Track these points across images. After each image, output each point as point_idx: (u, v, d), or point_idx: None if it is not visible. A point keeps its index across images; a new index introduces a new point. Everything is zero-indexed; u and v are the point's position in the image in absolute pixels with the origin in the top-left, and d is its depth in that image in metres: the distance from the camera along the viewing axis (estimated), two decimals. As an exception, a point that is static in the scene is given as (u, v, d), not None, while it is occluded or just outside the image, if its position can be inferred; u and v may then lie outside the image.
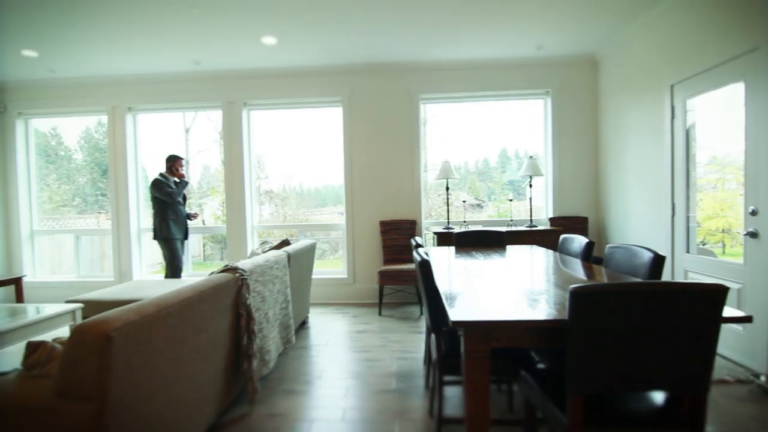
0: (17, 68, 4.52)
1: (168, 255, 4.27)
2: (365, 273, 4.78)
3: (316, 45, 4.05)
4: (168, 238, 4.24)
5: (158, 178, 4.27)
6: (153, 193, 4.26)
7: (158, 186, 4.23)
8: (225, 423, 2.19)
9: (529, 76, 4.60)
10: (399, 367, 2.90)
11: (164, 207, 4.25)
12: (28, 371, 1.39)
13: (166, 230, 4.23)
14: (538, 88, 4.63)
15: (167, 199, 4.23)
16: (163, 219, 4.24)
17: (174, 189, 4.27)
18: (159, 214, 4.25)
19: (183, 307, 1.60)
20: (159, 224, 4.25)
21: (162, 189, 4.22)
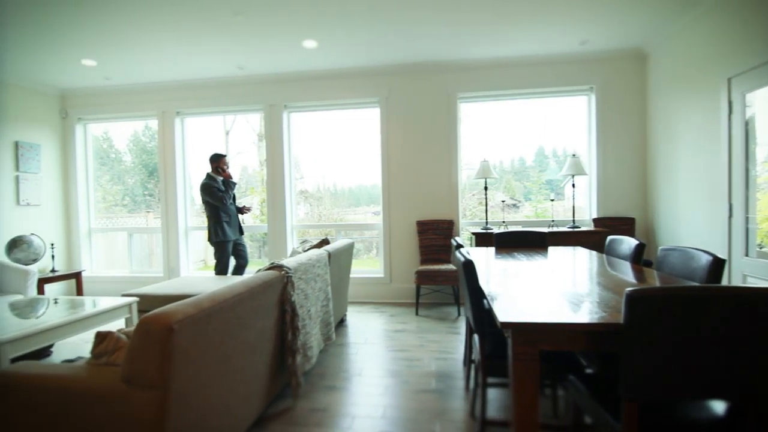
0: (78, 77, 4.84)
1: (218, 256, 4.34)
2: (402, 272, 4.79)
3: (354, 47, 4.10)
4: (221, 241, 4.28)
5: (207, 181, 4.28)
6: (204, 197, 4.28)
7: (208, 190, 4.24)
8: (270, 415, 2.27)
9: (571, 73, 4.46)
10: (438, 368, 2.89)
11: (216, 209, 4.26)
12: (96, 359, 1.50)
13: (221, 233, 4.26)
14: (581, 84, 4.48)
15: (218, 204, 4.25)
16: (217, 222, 4.26)
17: (224, 192, 4.29)
18: (212, 217, 4.27)
19: (235, 303, 1.67)
20: (213, 227, 4.27)
21: (213, 193, 4.23)
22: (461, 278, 1.96)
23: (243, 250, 4.54)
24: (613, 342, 1.34)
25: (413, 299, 4.70)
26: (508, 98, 4.72)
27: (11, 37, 3.71)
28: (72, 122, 5.38)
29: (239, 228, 4.51)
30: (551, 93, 4.62)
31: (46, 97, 5.19)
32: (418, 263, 4.67)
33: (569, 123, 4.77)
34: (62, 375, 1.39)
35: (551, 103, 4.76)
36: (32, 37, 3.71)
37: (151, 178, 6.00)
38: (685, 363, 1.18)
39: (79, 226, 5.40)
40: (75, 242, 5.42)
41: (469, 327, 2.42)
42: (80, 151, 5.43)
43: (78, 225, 5.40)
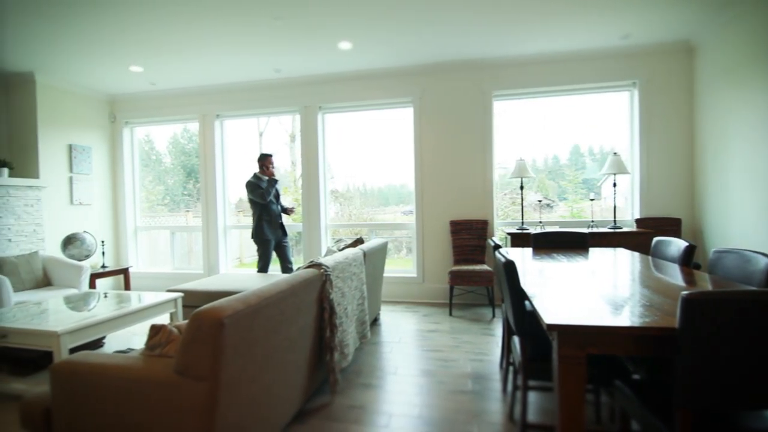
0: (125, 83, 5.10)
1: (260, 253, 4.45)
2: (435, 272, 4.77)
3: (389, 47, 4.12)
4: (262, 239, 4.40)
5: (251, 180, 4.40)
6: (248, 194, 4.42)
7: (251, 188, 4.37)
8: (309, 410, 2.31)
9: (613, 68, 4.30)
10: (473, 369, 2.87)
11: (259, 208, 4.38)
12: (150, 350, 1.58)
13: (261, 232, 4.38)
14: (623, 79, 4.32)
15: (259, 200, 4.36)
16: (258, 220, 4.38)
17: (264, 189, 4.38)
18: (255, 215, 4.41)
19: (279, 300, 1.72)
20: (255, 225, 4.40)
21: (254, 191, 4.35)
22: (501, 279, 1.94)
23: (286, 251, 4.59)
24: (665, 347, 1.29)
25: (446, 299, 4.67)
26: (545, 95, 4.61)
27: (66, 46, 3.95)
28: (120, 126, 5.67)
29: (282, 228, 4.55)
30: (590, 89, 4.48)
31: (97, 103, 5.50)
32: (451, 263, 4.64)
33: (608, 120, 4.61)
34: (121, 364, 1.47)
35: (589, 100, 4.61)
36: (85, 46, 3.94)
37: (189, 178, 6.22)
38: (745, 370, 1.13)
39: (126, 224, 5.69)
40: (122, 240, 5.71)
41: (508, 328, 2.38)
42: (127, 153, 5.72)
43: (125, 223, 5.69)
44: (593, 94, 4.54)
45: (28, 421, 1.58)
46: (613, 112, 4.57)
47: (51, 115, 4.86)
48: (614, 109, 4.56)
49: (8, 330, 2.39)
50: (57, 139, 4.93)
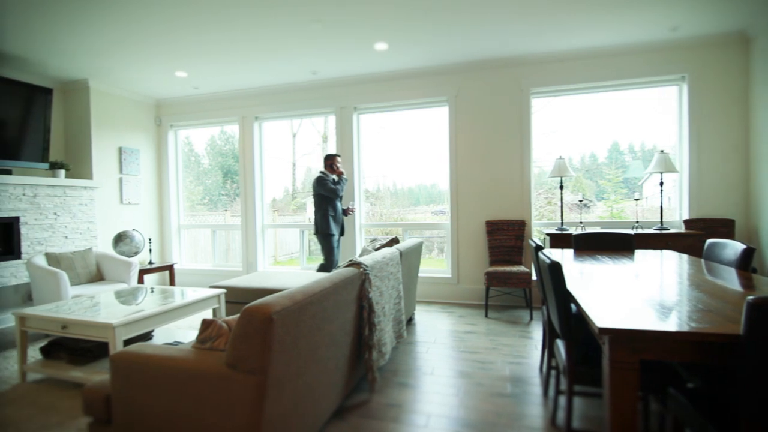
0: (171, 87, 5.33)
1: (326, 250, 4.45)
2: (470, 273, 4.72)
3: (424, 47, 4.11)
4: (327, 233, 4.42)
5: (321, 176, 4.47)
6: (316, 189, 4.46)
7: (322, 182, 4.42)
8: (348, 407, 2.34)
9: (660, 61, 4.11)
10: (512, 372, 2.82)
11: (325, 203, 4.42)
12: (201, 344, 1.64)
13: (326, 226, 4.41)
14: (671, 73, 4.12)
15: (331, 195, 4.42)
16: (324, 215, 4.42)
17: (336, 186, 4.47)
18: (320, 211, 4.44)
19: (322, 297, 1.76)
20: (320, 220, 4.43)
21: (326, 185, 4.41)
22: (545, 281, 1.90)
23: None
24: (727, 354, 1.22)
25: (481, 301, 4.61)
26: (586, 92, 4.46)
27: (118, 54, 4.17)
28: (165, 129, 5.94)
29: (342, 227, 4.64)
30: (635, 84, 4.30)
31: (144, 107, 5.77)
32: (487, 264, 4.57)
33: (651, 116, 4.41)
34: (175, 356, 1.54)
35: (631, 96, 4.42)
36: (135, 53, 4.15)
37: (226, 179, 6.44)
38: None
39: (170, 222, 5.95)
40: (167, 237, 5.97)
41: (550, 331, 2.33)
42: (171, 155, 5.97)
43: (170, 222, 5.95)
44: (637, 90, 4.36)
45: (90, 407, 1.68)
46: (658, 108, 4.36)
47: (103, 120, 5.15)
48: (658, 105, 4.36)
49: (68, 321, 2.55)
50: (108, 142, 5.21)
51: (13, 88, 4.23)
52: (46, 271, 3.61)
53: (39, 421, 2.24)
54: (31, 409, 2.37)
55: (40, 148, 4.48)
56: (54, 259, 3.94)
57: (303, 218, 6.63)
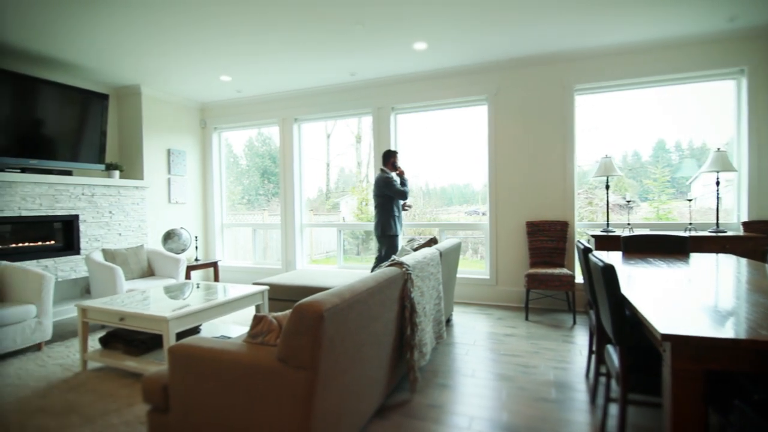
0: (215, 91, 5.54)
1: (386, 251, 4.30)
2: (509, 275, 4.63)
3: (464, 46, 4.06)
4: (391, 234, 4.28)
5: (387, 177, 4.27)
6: (383, 191, 4.27)
7: (390, 184, 4.24)
8: (390, 406, 2.36)
9: (716, 54, 3.88)
10: (556, 377, 2.74)
11: (389, 204, 4.27)
12: (252, 339, 1.70)
13: (392, 227, 4.26)
14: (728, 66, 3.88)
15: (402, 198, 4.32)
16: (389, 216, 4.26)
17: (404, 187, 4.33)
18: (385, 212, 4.27)
19: (368, 296, 1.78)
20: (386, 221, 4.26)
21: (393, 187, 4.24)
22: (597, 284, 1.84)
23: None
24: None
25: (520, 303, 4.51)
26: (632, 87, 4.27)
27: (168, 61, 4.37)
28: (209, 131, 6.17)
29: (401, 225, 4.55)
30: (688, 79, 4.08)
31: (190, 110, 6.03)
32: (527, 266, 4.47)
33: (702, 112, 4.16)
34: (229, 350, 1.60)
35: (680, 91, 4.19)
36: (183, 60, 4.34)
37: (263, 179, 6.61)
38: None
39: (214, 221, 6.18)
40: (210, 235, 6.21)
41: (599, 336, 2.25)
42: (215, 156, 6.21)
43: (213, 220, 6.18)
44: (688, 84, 4.13)
45: (149, 395, 1.77)
46: (711, 103, 4.12)
47: (153, 123, 5.41)
48: (711, 100, 4.11)
49: (126, 314, 2.71)
50: (158, 144, 5.48)
51: (73, 94, 4.52)
52: (103, 266, 3.83)
53: (100, 407, 2.38)
54: (92, 396, 2.53)
55: (97, 150, 4.77)
56: (110, 255, 4.18)
57: (337, 218, 6.70)
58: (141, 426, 2.16)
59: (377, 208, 4.36)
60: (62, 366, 3.02)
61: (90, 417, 2.26)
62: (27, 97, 4.14)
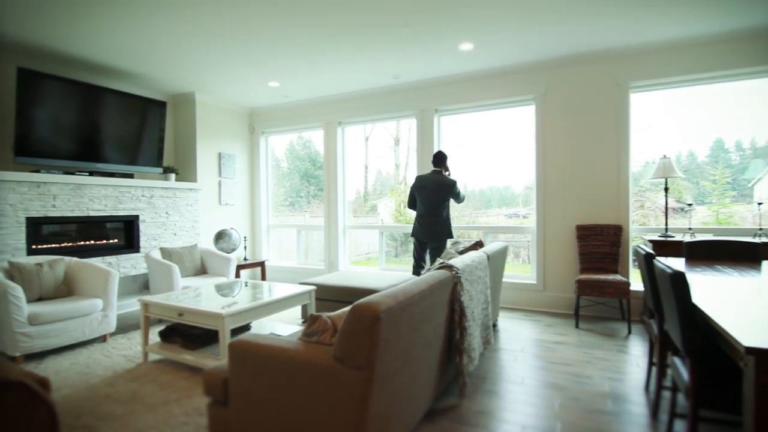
0: (263, 96, 5.73)
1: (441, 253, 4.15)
2: (557, 280, 4.47)
3: (511, 45, 3.98)
4: (450, 237, 4.23)
5: (453, 181, 4.20)
6: (449, 195, 4.18)
7: (456, 188, 4.19)
8: (438, 410, 2.33)
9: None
10: (612, 388, 2.62)
11: (449, 208, 4.23)
12: (307, 337, 1.74)
13: (451, 232, 4.24)
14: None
15: (459, 202, 4.32)
16: (449, 220, 4.23)
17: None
18: (446, 216, 4.22)
19: (420, 299, 1.77)
20: (448, 225, 4.21)
21: (458, 191, 4.21)
22: (664, 292, 1.74)
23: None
24: None
25: (569, 310, 4.35)
26: (691, 84, 4.01)
27: (220, 68, 4.57)
28: (257, 135, 6.39)
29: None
30: (757, 73, 3.78)
31: (239, 115, 6.27)
32: (577, 271, 4.30)
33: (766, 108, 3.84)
34: (286, 347, 1.64)
35: (745, 87, 3.89)
36: (235, 67, 4.52)
37: (302, 181, 6.77)
38: None
39: (260, 222, 6.39)
40: (257, 236, 6.42)
41: (661, 347, 2.13)
42: (262, 160, 6.42)
43: (260, 221, 6.39)
44: (751, 80, 3.82)
45: (210, 388, 1.85)
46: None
47: (205, 128, 5.68)
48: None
49: (184, 309, 2.85)
50: (210, 148, 5.74)
51: (134, 102, 4.82)
52: (161, 264, 4.06)
53: (161, 397, 2.52)
54: (154, 386, 2.68)
55: (155, 154, 5.06)
56: (167, 253, 4.42)
57: (375, 220, 6.75)
58: (199, 417, 2.26)
59: (442, 210, 4.18)
60: (125, 357, 3.22)
61: (152, 406, 2.39)
62: (94, 105, 4.46)
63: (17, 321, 3.00)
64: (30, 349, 3.07)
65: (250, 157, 6.44)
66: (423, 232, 4.24)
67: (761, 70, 3.73)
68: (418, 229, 4.28)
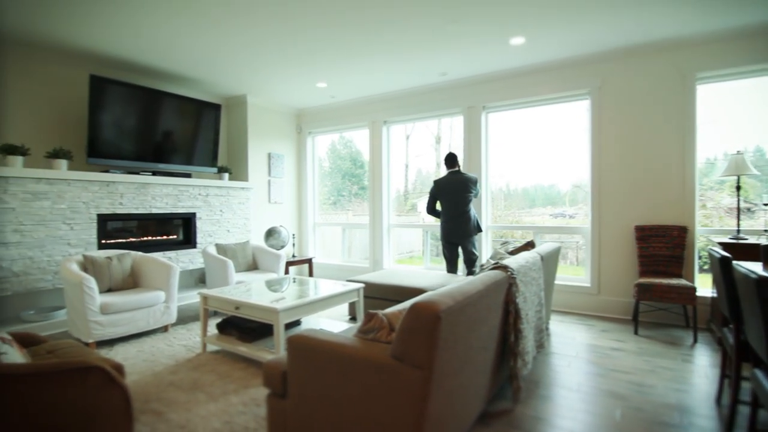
0: (311, 97, 5.86)
1: (476, 249, 4.40)
2: (613, 284, 4.26)
3: (565, 37, 3.82)
4: (480, 231, 4.45)
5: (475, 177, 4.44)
6: (477, 186, 4.42)
7: (478, 181, 4.50)
8: (492, 413, 2.29)
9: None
10: (678, 400, 2.46)
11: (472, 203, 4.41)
12: (364, 334, 1.75)
13: (480, 225, 4.45)
14: None
15: (476, 196, 4.50)
16: (476, 214, 4.44)
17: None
18: (474, 211, 4.41)
19: (477, 299, 1.74)
20: (478, 219, 4.42)
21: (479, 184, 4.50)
22: (746, 299, 1.60)
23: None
24: None
25: (625, 315, 4.14)
26: (759, 75, 3.69)
27: (271, 71, 4.71)
28: (304, 136, 6.55)
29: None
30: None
31: (288, 116, 6.45)
32: (636, 275, 4.08)
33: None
34: (344, 344, 1.67)
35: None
36: (284, 69, 4.65)
37: (344, 180, 6.85)
38: None
39: (307, 220, 6.54)
40: (304, 233, 6.58)
41: (738, 357, 1.97)
42: (309, 159, 6.57)
43: (306, 219, 6.54)
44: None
45: (269, 380, 1.91)
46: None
47: (256, 129, 5.88)
48: None
49: (241, 303, 2.96)
50: (260, 148, 5.94)
51: (191, 105, 5.08)
52: (217, 259, 4.25)
53: (220, 386, 2.63)
54: (213, 375, 2.81)
55: (210, 154, 5.30)
56: (222, 249, 4.62)
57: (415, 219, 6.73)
58: (256, 407, 2.34)
59: (469, 208, 4.34)
60: (185, 347, 3.39)
61: (213, 395, 2.51)
62: (154, 108, 4.74)
63: (91, 310, 3.25)
64: (101, 337, 3.31)
65: (297, 157, 6.61)
66: (454, 234, 4.34)
67: None
68: (449, 231, 4.35)
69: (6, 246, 3.59)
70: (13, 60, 3.98)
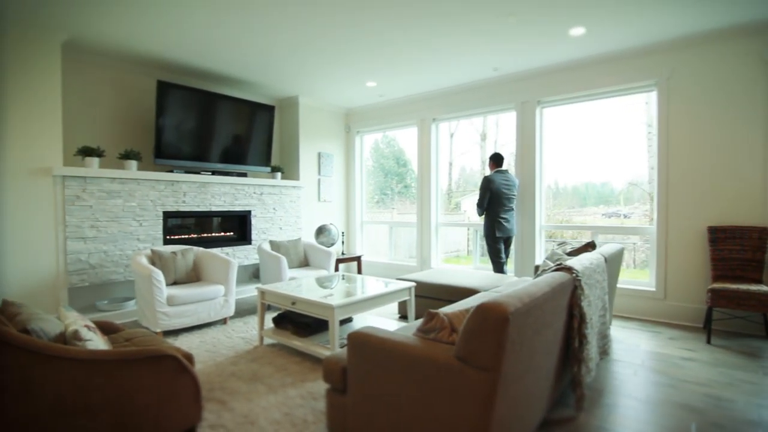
0: (360, 97, 5.91)
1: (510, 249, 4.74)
2: (681, 288, 3.97)
3: (631, 25, 3.60)
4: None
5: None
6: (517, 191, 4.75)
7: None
8: (553, 421, 2.20)
9: None
10: (762, 417, 2.25)
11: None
12: (424, 334, 1.74)
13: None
14: None
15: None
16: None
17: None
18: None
19: (543, 301, 1.67)
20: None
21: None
22: None
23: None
24: None
25: (696, 322, 3.85)
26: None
27: (322, 72, 4.80)
28: (352, 135, 6.62)
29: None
30: None
31: (337, 116, 6.54)
32: (708, 279, 3.78)
33: None
34: (405, 343, 1.66)
35: None
36: (335, 70, 4.72)
37: (387, 179, 6.85)
38: None
39: (355, 218, 6.62)
40: (352, 231, 6.66)
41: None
42: (357, 158, 6.63)
43: (354, 217, 6.62)
44: None
45: (329, 376, 1.95)
46: None
47: (307, 129, 6.02)
48: None
49: (297, 299, 3.04)
50: (311, 148, 6.08)
51: (246, 107, 5.28)
52: (271, 255, 4.39)
53: (278, 378, 2.71)
54: (271, 368, 2.90)
55: (264, 154, 5.49)
56: (275, 246, 4.77)
57: (460, 217, 6.61)
58: (314, 401, 2.39)
59: (512, 209, 4.65)
60: (244, 339, 3.53)
61: (272, 387, 2.59)
62: (212, 111, 4.96)
63: (159, 301, 3.45)
64: (168, 327, 3.52)
65: (346, 156, 6.69)
66: (509, 230, 4.61)
67: None
68: (504, 227, 4.57)
69: (84, 240, 3.90)
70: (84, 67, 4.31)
